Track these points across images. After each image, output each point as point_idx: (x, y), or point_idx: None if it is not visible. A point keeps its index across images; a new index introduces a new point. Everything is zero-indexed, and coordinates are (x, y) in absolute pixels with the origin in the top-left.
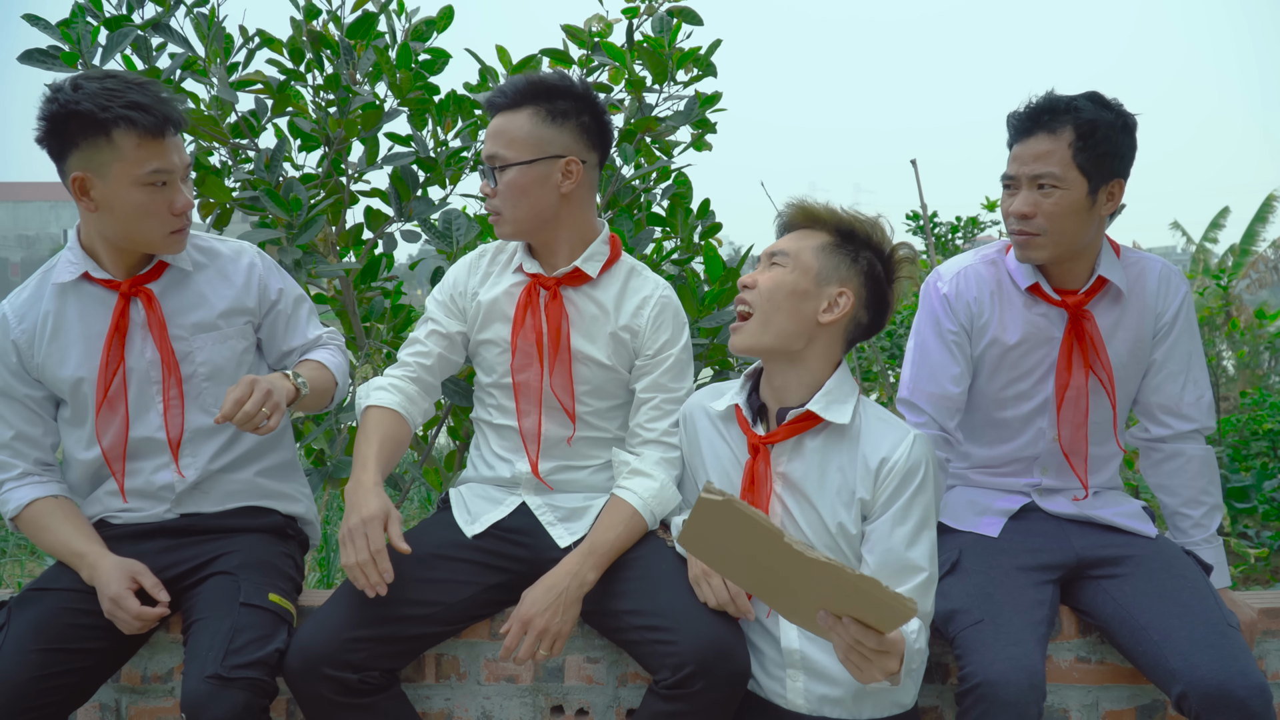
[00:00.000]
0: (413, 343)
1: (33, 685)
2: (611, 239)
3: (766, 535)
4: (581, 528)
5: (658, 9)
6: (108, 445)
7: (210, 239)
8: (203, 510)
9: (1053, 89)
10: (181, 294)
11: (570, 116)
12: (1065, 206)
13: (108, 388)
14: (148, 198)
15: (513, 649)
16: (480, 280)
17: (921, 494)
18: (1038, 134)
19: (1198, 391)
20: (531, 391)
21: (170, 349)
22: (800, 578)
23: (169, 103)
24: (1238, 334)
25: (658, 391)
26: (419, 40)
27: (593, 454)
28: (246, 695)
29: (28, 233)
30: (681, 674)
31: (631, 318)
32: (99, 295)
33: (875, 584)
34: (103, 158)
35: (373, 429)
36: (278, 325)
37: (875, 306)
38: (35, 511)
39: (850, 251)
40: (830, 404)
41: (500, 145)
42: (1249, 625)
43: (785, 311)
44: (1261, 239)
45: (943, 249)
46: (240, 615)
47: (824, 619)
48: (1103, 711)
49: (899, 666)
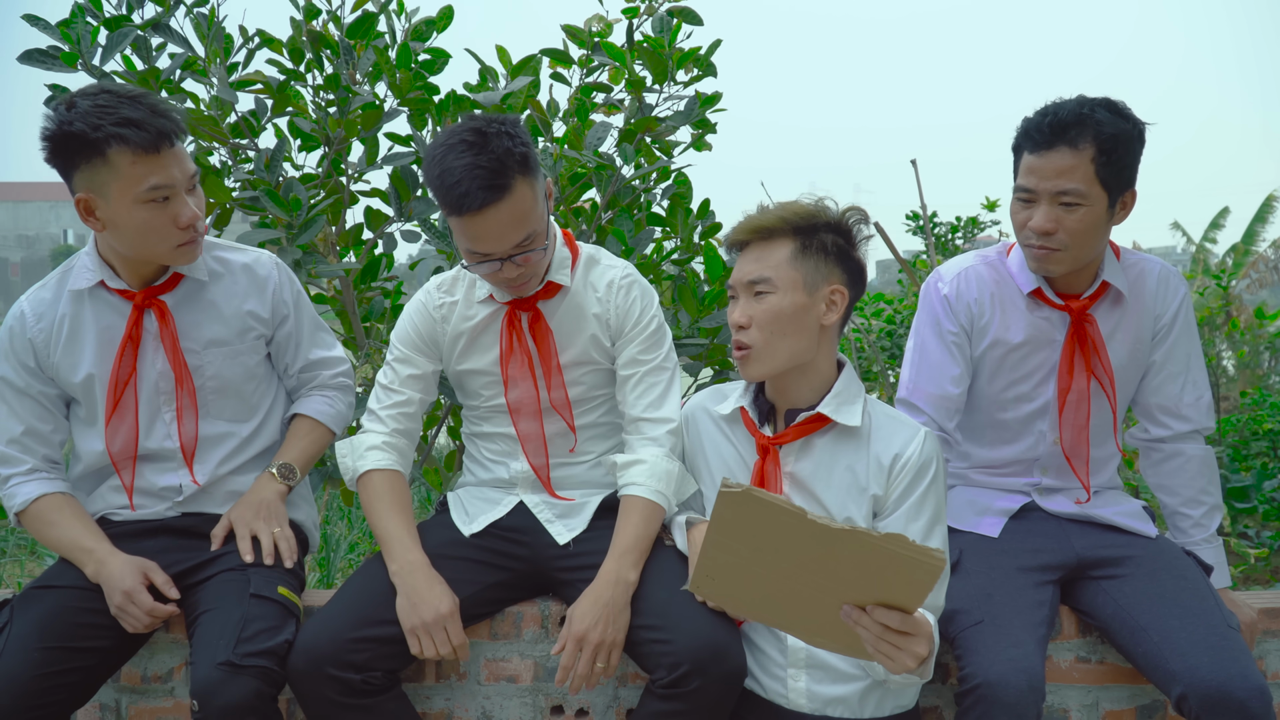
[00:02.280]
0: (387, 393)
1: (37, 684)
2: (565, 235)
3: (790, 519)
4: (580, 524)
5: (658, 9)
6: (117, 451)
7: (228, 248)
8: (206, 510)
9: (1071, 96)
10: (195, 306)
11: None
12: (1089, 223)
13: (119, 396)
14: (150, 214)
15: (570, 668)
16: (445, 313)
17: (934, 489)
18: (1059, 148)
19: (1197, 392)
20: (527, 408)
21: (182, 361)
22: (823, 565)
23: (166, 115)
24: (1238, 334)
25: (636, 366)
26: (419, 40)
27: (589, 448)
28: (257, 683)
29: (28, 233)
30: (677, 673)
31: (600, 305)
32: (114, 304)
33: (902, 540)
34: (101, 178)
35: (390, 498)
36: (287, 343)
37: (857, 280)
38: (41, 507)
39: (819, 245)
40: (840, 405)
41: (519, 234)
42: (1249, 626)
43: (790, 335)
44: (1261, 239)
45: (943, 249)
46: (251, 606)
47: (848, 614)
48: (1103, 711)
49: (928, 650)
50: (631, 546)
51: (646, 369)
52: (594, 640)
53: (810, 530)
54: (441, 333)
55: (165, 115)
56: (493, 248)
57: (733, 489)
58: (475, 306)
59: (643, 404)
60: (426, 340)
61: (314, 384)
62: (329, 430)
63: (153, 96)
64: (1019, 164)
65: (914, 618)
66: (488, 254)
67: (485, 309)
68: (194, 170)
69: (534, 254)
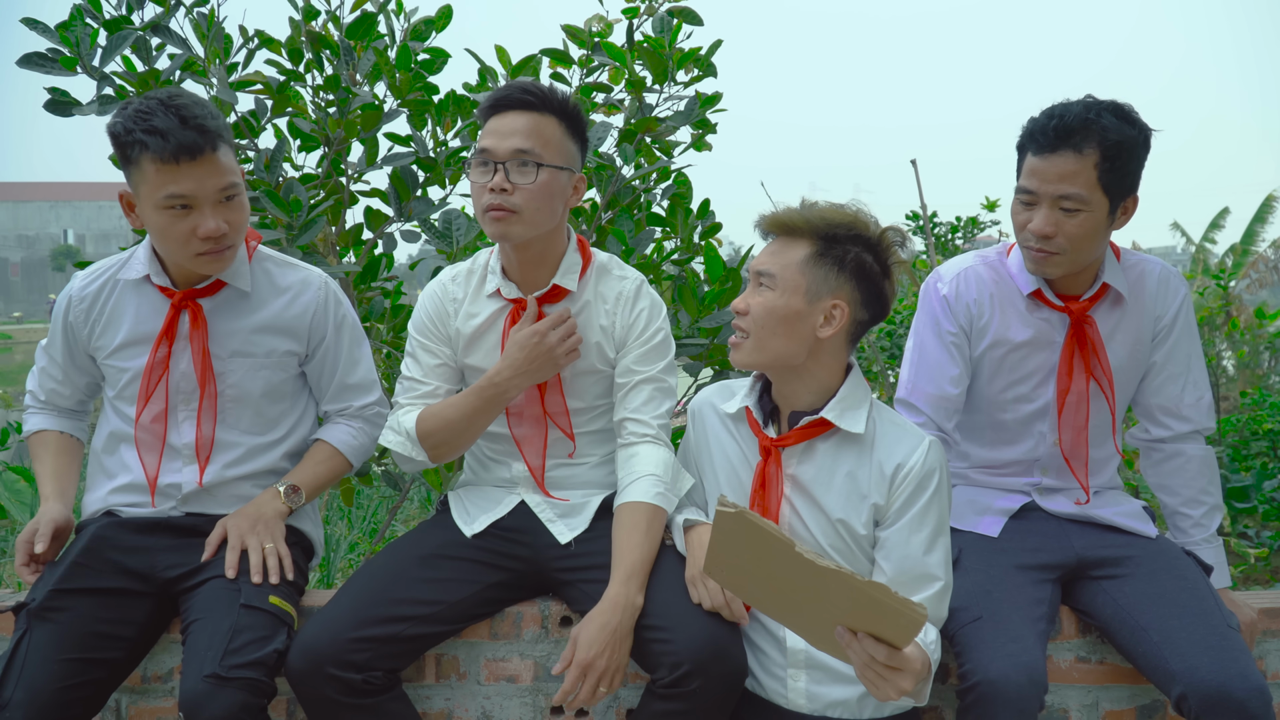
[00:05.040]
0: (412, 385)
1: (59, 696)
2: (579, 242)
3: (779, 547)
4: (581, 523)
5: (658, 9)
6: (145, 451)
7: (282, 263)
8: (209, 511)
9: (1078, 98)
10: (231, 314)
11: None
12: (1089, 228)
13: (150, 390)
14: (169, 221)
15: (570, 692)
16: (457, 305)
17: (936, 500)
18: (1063, 151)
19: (1197, 393)
20: (525, 410)
21: (208, 365)
22: (815, 590)
23: (199, 128)
24: (1238, 334)
25: (631, 375)
26: (418, 40)
27: (591, 451)
28: (244, 695)
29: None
30: (678, 673)
31: (608, 317)
32: (154, 299)
33: (885, 590)
34: (135, 179)
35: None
36: (321, 365)
37: (874, 302)
38: (37, 440)
39: (836, 256)
40: (844, 411)
41: (536, 142)
42: (1249, 625)
43: (780, 335)
44: (1261, 239)
45: (943, 249)
46: (240, 616)
47: (841, 635)
48: (1103, 711)
49: (912, 685)
50: (638, 569)
51: (641, 378)
52: (600, 668)
53: (798, 562)
54: (453, 319)
55: (198, 128)
56: (496, 143)
57: (728, 509)
58: (481, 303)
59: (631, 406)
60: (441, 327)
61: (345, 413)
62: (347, 461)
63: (194, 108)
64: (1022, 163)
65: (903, 654)
66: (491, 150)
67: (491, 306)
68: (229, 182)
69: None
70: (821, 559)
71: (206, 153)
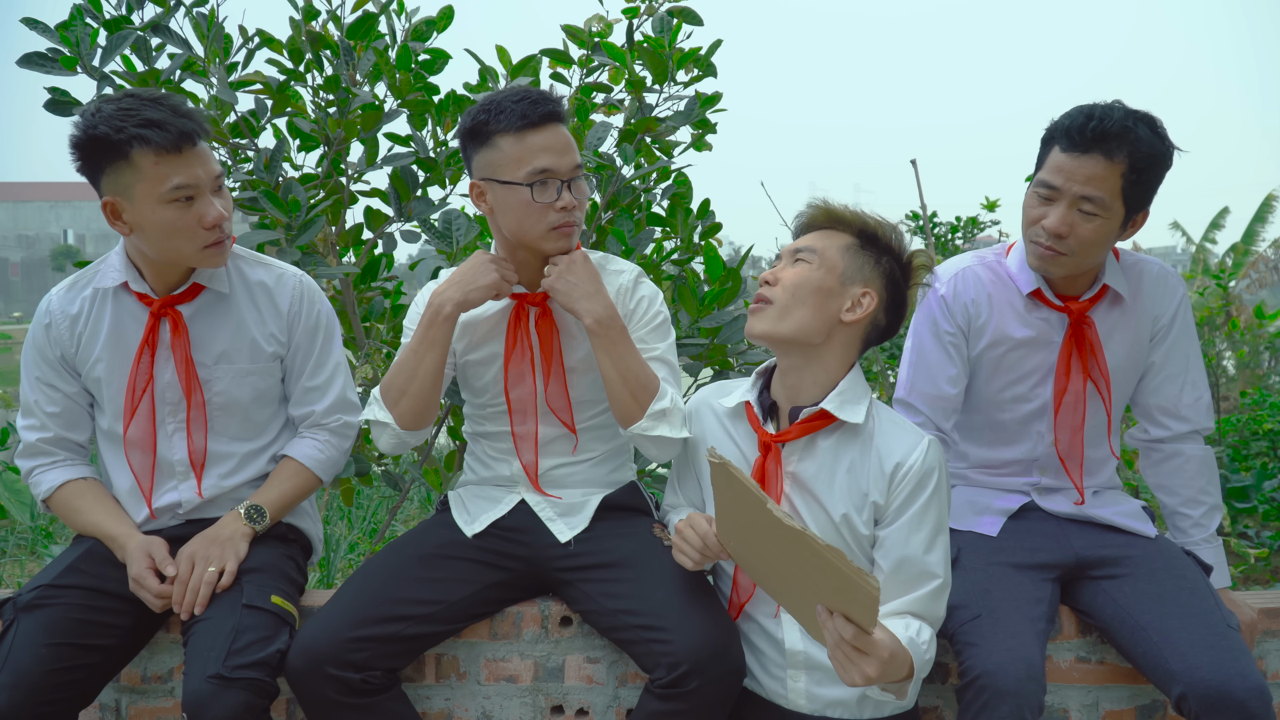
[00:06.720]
0: None
1: (47, 679)
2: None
3: (753, 502)
4: (581, 522)
5: (658, 9)
6: (136, 465)
7: (256, 262)
8: (207, 516)
9: (1112, 101)
10: (212, 319)
11: None
12: (1101, 235)
13: (136, 403)
14: (175, 215)
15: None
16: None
17: (935, 500)
18: (1095, 154)
19: (1196, 393)
20: (526, 406)
21: (193, 374)
22: (792, 557)
23: (189, 116)
24: (1238, 334)
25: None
26: (419, 40)
27: (592, 448)
28: (248, 695)
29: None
30: (676, 673)
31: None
32: (132, 308)
33: (841, 555)
34: (126, 180)
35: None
36: (291, 364)
37: (893, 310)
38: (67, 494)
39: (873, 254)
40: (844, 404)
41: (577, 153)
42: (1249, 625)
43: (809, 306)
44: (1261, 239)
45: (942, 249)
46: (243, 616)
47: (820, 614)
48: (1103, 711)
49: (877, 672)
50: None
51: (651, 356)
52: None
53: (770, 521)
54: None
55: (188, 116)
56: (555, 162)
57: (714, 460)
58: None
59: None
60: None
61: (309, 421)
62: (314, 476)
63: (175, 98)
64: (1046, 156)
65: (871, 639)
66: (551, 169)
67: (494, 302)
68: (219, 171)
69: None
70: (789, 518)
71: (200, 140)
